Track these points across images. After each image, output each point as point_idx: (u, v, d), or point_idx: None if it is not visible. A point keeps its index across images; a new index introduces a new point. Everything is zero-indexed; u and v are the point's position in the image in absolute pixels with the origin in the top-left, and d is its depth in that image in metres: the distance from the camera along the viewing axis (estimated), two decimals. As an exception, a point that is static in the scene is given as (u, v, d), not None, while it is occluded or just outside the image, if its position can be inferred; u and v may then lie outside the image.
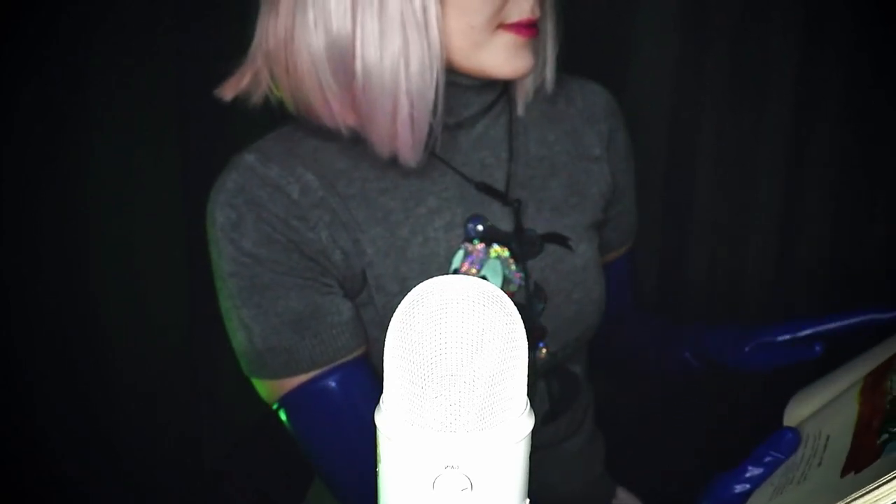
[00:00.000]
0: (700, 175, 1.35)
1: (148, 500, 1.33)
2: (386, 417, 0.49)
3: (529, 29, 0.81)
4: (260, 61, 0.83)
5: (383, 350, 0.49)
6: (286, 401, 0.84)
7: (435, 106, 0.80)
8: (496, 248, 0.87)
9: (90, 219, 1.20)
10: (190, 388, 1.34)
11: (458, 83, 0.84)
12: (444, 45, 0.79)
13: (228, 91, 0.84)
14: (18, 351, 1.19)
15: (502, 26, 0.81)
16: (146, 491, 1.32)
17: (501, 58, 0.81)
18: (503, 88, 0.91)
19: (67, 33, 1.12)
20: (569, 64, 0.93)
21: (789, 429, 0.68)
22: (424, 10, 0.76)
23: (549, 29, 0.89)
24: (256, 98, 0.84)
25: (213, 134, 1.21)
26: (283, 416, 0.85)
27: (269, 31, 0.81)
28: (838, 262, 1.33)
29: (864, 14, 1.24)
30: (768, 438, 0.68)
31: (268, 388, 0.85)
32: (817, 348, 0.83)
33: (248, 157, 0.83)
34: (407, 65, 0.77)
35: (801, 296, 1.36)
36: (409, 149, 0.81)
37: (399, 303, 0.48)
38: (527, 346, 0.49)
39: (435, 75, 0.79)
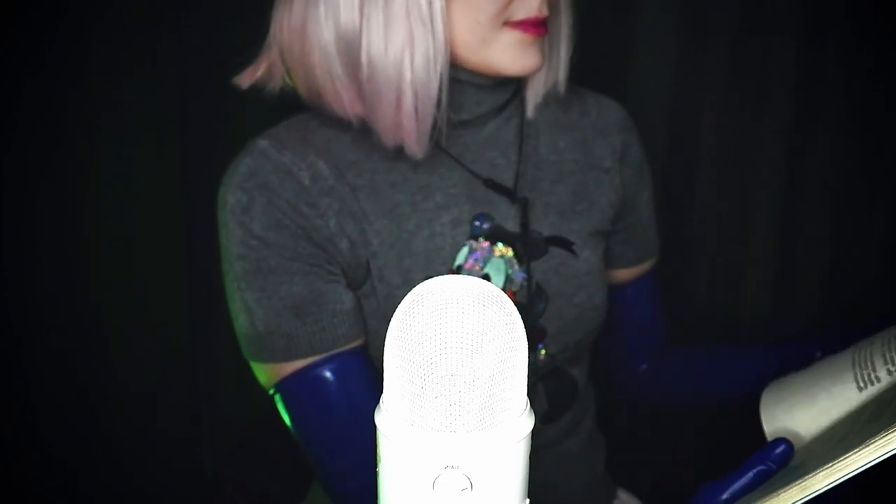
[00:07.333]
0: (700, 176, 1.35)
1: (148, 500, 1.32)
2: (386, 417, 0.49)
3: (537, 27, 0.82)
4: (275, 52, 0.85)
5: (383, 342, 0.49)
6: (282, 386, 0.84)
7: (439, 99, 0.81)
8: (500, 247, 0.87)
9: (90, 219, 1.20)
10: (190, 388, 1.34)
11: (471, 81, 0.85)
12: (450, 40, 0.80)
13: (245, 80, 0.87)
14: (18, 351, 1.19)
15: (509, 23, 0.82)
16: (146, 492, 1.32)
17: (508, 55, 0.82)
18: (516, 90, 0.91)
19: (67, 33, 1.12)
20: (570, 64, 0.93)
21: (783, 440, 0.67)
22: (430, 4, 0.78)
23: (564, 31, 0.89)
24: (272, 87, 0.86)
25: (213, 133, 1.21)
26: (278, 402, 0.86)
27: (284, 24, 0.83)
28: (838, 263, 1.33)
29: (865, 15, 1.24)
30: (762, 448, 0.67)
31: (266, 372, 0.86)
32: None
33: (262, 143, 0.84)
34: (412, 58, 0.78)
35: (800, 297, 1.36)
36: (413, 140, 0.82)
37: (401, 295, 0.48)
38: (527, 346, 0.49)
39: (439, 69, 0.80)
